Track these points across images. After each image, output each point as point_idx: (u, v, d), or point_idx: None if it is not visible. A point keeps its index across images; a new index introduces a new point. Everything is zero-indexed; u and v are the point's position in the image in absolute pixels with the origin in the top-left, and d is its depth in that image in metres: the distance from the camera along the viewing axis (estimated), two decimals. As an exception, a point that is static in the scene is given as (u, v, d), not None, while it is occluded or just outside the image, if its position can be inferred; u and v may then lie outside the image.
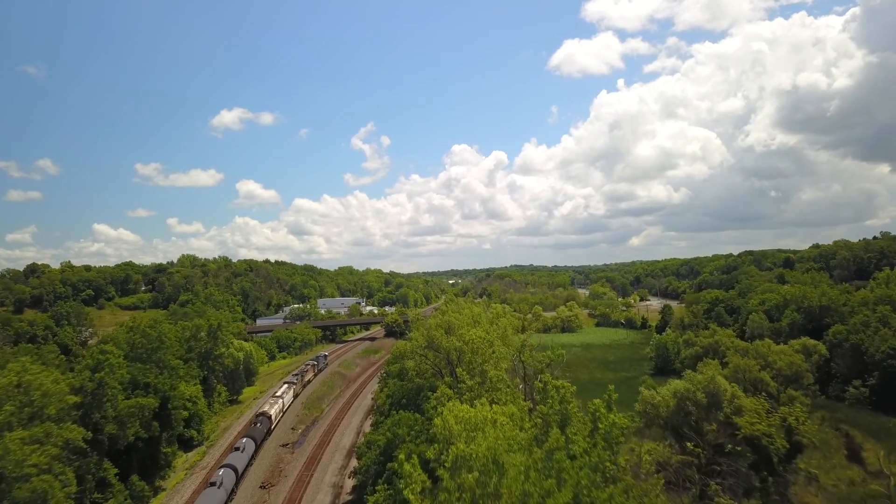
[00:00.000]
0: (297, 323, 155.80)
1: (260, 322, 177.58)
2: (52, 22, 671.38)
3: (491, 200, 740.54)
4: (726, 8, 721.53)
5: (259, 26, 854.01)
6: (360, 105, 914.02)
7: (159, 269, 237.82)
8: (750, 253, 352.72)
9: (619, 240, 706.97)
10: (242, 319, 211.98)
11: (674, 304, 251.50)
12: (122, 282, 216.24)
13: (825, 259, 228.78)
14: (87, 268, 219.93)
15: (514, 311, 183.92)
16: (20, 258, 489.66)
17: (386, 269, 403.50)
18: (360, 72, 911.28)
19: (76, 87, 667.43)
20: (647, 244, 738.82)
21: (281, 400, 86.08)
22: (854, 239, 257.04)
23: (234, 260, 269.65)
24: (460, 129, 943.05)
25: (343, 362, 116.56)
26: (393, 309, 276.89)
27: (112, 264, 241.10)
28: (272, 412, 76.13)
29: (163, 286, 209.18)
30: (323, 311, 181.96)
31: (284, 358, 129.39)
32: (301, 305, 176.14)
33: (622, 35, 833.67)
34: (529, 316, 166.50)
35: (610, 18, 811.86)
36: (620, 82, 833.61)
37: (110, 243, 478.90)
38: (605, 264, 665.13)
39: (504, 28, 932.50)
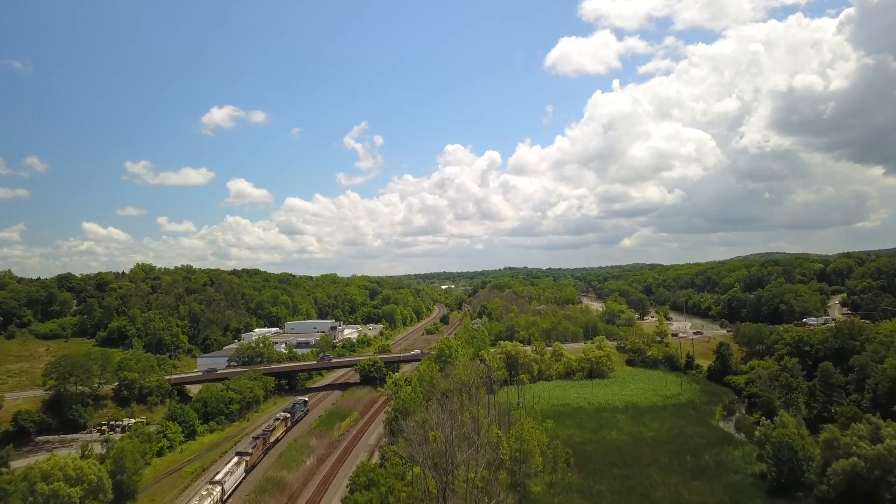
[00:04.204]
0: (241, 371, 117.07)
1: (200, 362, 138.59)
2: (38, 16, 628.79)
3: (484, 201, 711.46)
4: (726, 7, 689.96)
5: (250, 24, 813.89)
6: (352, 104, 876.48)
7: (101, 283, 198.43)
8: (776, 262, 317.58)
9: (611, 241, 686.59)
10: (189, 350, 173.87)
11: (705, 323, 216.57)
12: (44, 302, 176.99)
13: (888, 275, 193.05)
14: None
15: (521, 342, 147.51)
16: (8, 256, 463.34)
17: (378, 270, 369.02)
18: (353, 70, 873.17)
19: (64, 83, 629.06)
20: (638, 245, 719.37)
21: (219, 487, 54.54)
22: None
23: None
24: (454, 129, 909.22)
25: (287, 449, 78.35)
26: (378, 327, 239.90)
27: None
28: None
29: (91, 308, 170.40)
30: (283, 348, 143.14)
31: (213, 431, 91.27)
32: (253, 341, 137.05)
33: (619, 34, 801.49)
34: (549, 356, 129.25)
35: (608, 17, 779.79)
36: (615, 83, 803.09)
37: (100, 242, 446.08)
38: (601, 266, 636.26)
39: (500, 26, 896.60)
